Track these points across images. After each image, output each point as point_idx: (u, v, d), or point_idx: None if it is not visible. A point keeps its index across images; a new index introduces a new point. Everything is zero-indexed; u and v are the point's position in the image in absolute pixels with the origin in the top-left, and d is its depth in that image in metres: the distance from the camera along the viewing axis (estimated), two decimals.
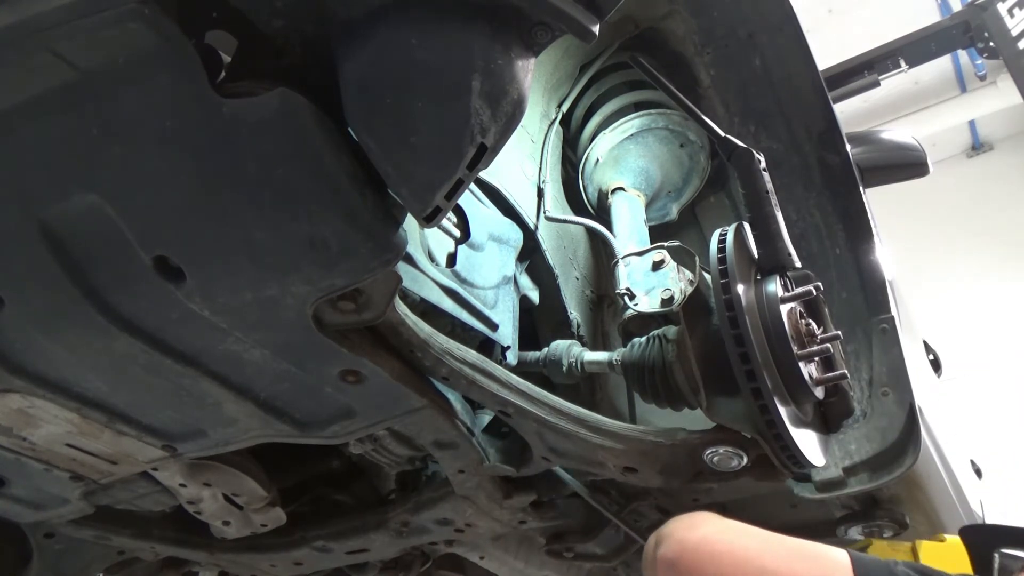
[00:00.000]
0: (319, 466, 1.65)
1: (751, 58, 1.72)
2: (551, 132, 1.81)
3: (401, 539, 1.65)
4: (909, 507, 1.80)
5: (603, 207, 1.82)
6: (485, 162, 0.78)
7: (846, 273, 1.69)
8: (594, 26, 0.72)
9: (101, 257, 0.85)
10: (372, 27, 0.73)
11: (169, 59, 0.71)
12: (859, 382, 1.61)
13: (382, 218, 0.81)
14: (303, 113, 0.74)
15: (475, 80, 0.72)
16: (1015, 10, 3.38)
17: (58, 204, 0.81)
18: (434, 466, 1.58)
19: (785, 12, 1.66)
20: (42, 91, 0.74)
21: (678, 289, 1.36)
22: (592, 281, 1.90)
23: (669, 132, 1.78)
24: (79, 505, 1.37)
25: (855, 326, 1.64)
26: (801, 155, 1.74)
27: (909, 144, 2.50)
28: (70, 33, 0.69)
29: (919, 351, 2.53)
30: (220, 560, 1.76)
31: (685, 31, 1.74)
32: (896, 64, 3.43)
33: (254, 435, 1.19)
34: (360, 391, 1.09)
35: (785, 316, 1.20)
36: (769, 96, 1.73)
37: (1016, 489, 5.38)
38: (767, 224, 1.29)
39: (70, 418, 1.10)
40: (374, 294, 0.95)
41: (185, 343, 0.97)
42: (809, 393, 1.19)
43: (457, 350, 1.13)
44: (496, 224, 1.52)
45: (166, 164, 0.77)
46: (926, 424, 1.66)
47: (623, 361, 1.44)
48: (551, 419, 1.22)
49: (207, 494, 1.42)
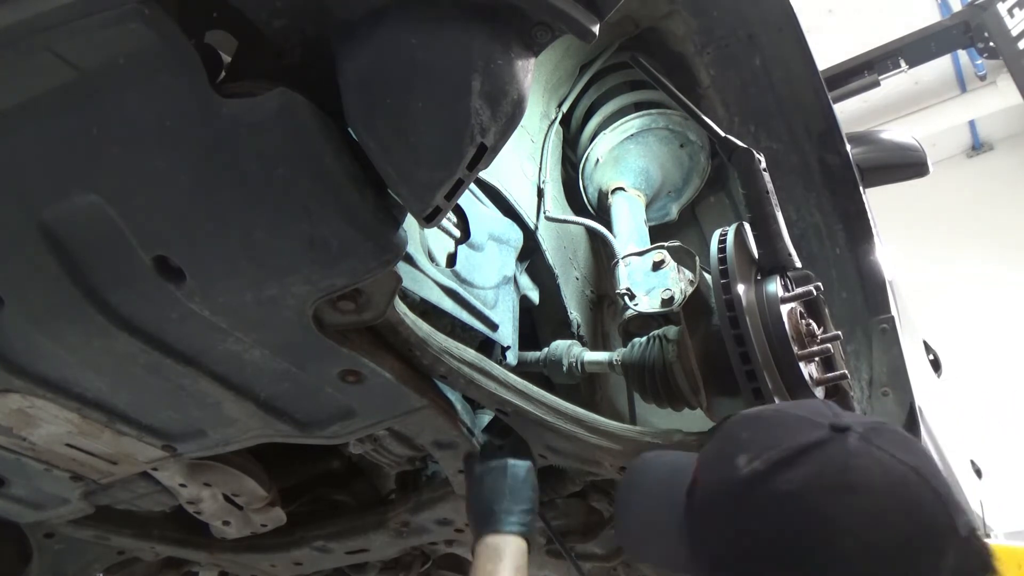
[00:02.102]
0: (319, 466, 1.65)
1: (751, 58, 1.72)
2: (551, 132, 1.81)
3: (401, 539, 1.65)
4: None
5: (603, 207, 1.82)
6: (485, 162, 0.78)
7: (846, 273, 1.69)
8: (594, 26, 0.72)
9: (101, 257, 0.85)
10: (372, 27, 0.73)
11: (169, 59, 0.71)
12: (859, 382, 1.61)
13: (382, 218, 0.81)
14: (303, 113, 0.74)
15: (475, 80, 0.72)
16: (1015, 10, 3.38)
17: (58, 204, 0.81)
18: (434, 466, 1.58)
19: (785, 12, 1.66)
20: (42, 91, 0.74)
21: (678, 289, 1.36)
22: (592, 281, 1.90)
23: (669, 132, 1.78)
24: (79, 505, 1.37)
25: (855, 326, 1.64)
26: (801, 155, 1.74)
27: (909, 144, 2.50)
28: (70, 33, 0.69)
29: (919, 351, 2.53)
30: (220, 560, 1.76)
31: (685, 31, 1.74)
32: (896, 64, 3.43)
33: (254, 435, 1.19)
34: (360, 391, 1.09)
35: (785, 316, 1.20)
36: (769, 96, 1.73)
37: (1016, 489, 5.39)
38: (767, 224, 1.29)
39: (70, 418, 1.10)
40: (374, 294, 0.95)
41: (185, 343, 0.97)
42: (809, 393, 1.19)
43: (456, 349, 1.13)
44: (496, 224, 1.51)
45: (166, 164, 0.77)
46: (926, 424, 1.66)
47: (623, 361, 1.44)
48: (549, 419, 1.22)
49: (207, 494, 1.42)
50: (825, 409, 0.81)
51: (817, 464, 0.74)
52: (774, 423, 0.83)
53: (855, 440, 0.74)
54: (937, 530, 0.70)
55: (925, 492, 0.71)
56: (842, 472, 0.72)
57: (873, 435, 0.75)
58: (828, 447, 0.74)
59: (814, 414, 0.80)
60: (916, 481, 0.71)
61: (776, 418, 0.84)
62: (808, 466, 0.74)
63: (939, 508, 0.71)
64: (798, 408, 0.86)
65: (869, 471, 0.72)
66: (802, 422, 0.79)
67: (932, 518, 0.71)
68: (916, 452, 0.76)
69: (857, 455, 0.73)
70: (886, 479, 0.72)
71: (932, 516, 0.71)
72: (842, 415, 0.79)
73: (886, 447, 0.74)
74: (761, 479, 0.75)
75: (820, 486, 0.72)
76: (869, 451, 0.73)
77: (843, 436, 0.75)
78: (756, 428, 0.84)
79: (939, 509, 0.71)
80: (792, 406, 0.88)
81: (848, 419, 0.78)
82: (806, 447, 0.75)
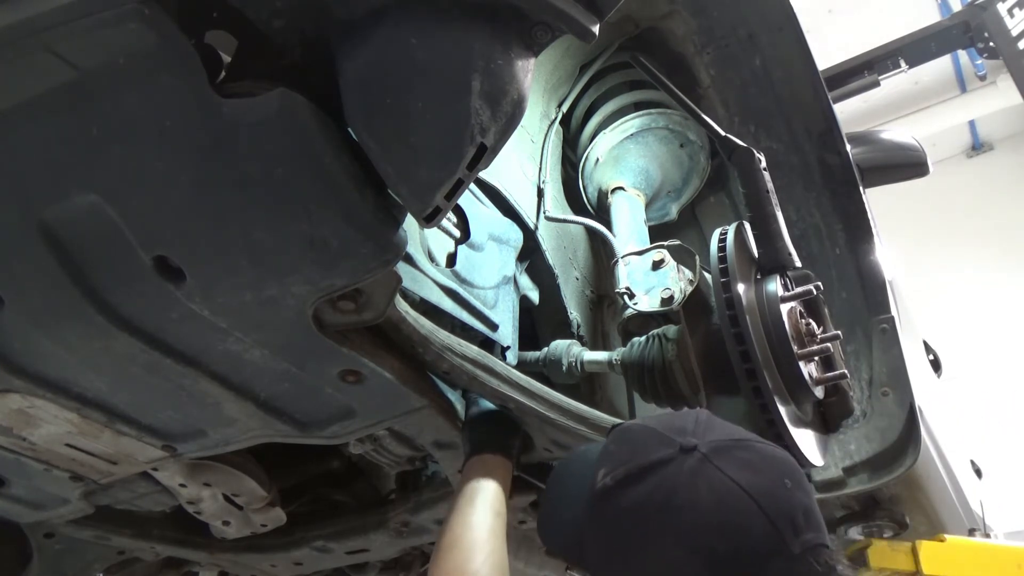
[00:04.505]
0: (319, 466, 1.65)
1: (751, 58, 1.72)
2: (551, 132, 1.81)
3: (401, 539, 1.65)
4: (909, 507, 1.80)
5: (603, 207, 1.82)
6: (485, 162, 0.78)
7: (846, 273, 1.69)
8: (594, 26, 0.72)
9: (101, 257, 0.85)
10: (372, 27, 0.73)
11: (169, 59, 0.71)
12: (859, 382, 1.61)
13: (382, 218, 0.81)
14: (303, 113, 0.74)
15: (475, 80, 0.72)
16: (1015, 10, 3.38)
17: (58, 204, 0.81)
18: (434, 466, 1.58)
19: (785, 12, 1.66)
20: (42, 91, 0.74)
21: (678, 288, 1.36)
22: (592, 281, 1.90)
23: (669, 132, 1.79)
24: (79, 505, 1.37)
25: (855, 326, 1.64)
26: (801, 155, 1.74)
27: (909, 144, 2.50)
28: (70, 33, 0.69)
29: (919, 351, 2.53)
30: (220, 560, 1.76)
31: (685, 31, 1.74)
32: (896, 64, 3.43)
33: (254, 435, 1.19)
34: (360, 391, 1.09)
35: (785, 315, 1.20)
36: (769, 96, 1.73)
37: (1016, 489, 5.39)
38: (767, 224, 1.29)
39: (70, 418, 1.10)
40: (374, 294, 0.95)
41: (185, 343, 0.97)
42: (809, 392, 1.19)
43: (458, 346, 1.13)
44: (496, 224, 1.52)
45: (166, 164, 0.77)
46: (926, 424, 1.66)
47: (623, 361, 1.44)
48: (551, 415, 1.22)
49: (207, 494, 1.42)
50: (691, 425, 0.86)
51: (653, 483, 0.81)
52: (635, 438, 0.90)
53: (694, 461, 0.80)
54: (759, 546, 0.75)
55: (750, 510, 0.76)
56: (671, 492, 0.79)
57: (716, 455, 0.81)
58: (668, 467, 0.81)
59: (674, 431, 0.85)
60: (744, 501, 0.76)
61: (640, 434, 0.90)
62: (646, 484, 0.81)
63: (765, 526, 0.75)
64: (667, 423, 0.90)
65: (696, 491, 0.78)
66: (658, 439, 0.85)
67: (753, 535, 0.75)
68: (762, 472, 0.81)
69: (691, 474, 0.80)
70: (711, 498, 0.78)
71: (753, 533, 0.75)
72: (704, 433, 0.84)
73: (725, 467, 0.79)
74: (608, 494, 0.84)
75: (652, 503, 0.80)
76: (704, 471, 0.80)
77: (685, 457, 0.81)
78: (621, 442, 0.91)
79: (764, 527, 0.75)
80: (662, 420, 0.93)
81: (705, 437, 0.83)
82: (651, 465, 0.82)
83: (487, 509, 1.10)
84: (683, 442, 0.83)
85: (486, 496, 1.12)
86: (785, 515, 0.76)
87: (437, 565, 1.02)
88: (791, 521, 0.76)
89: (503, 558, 1.04)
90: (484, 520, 1.08)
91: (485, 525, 1.07)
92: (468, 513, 1.08)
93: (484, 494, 1.12)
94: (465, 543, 1.03)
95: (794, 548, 0.75)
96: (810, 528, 0.77)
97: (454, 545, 1.03)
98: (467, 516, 1.08)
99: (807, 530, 0.77)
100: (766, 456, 0.85)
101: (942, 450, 2.00)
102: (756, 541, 0.75)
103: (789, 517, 0.76)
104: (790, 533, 0.75)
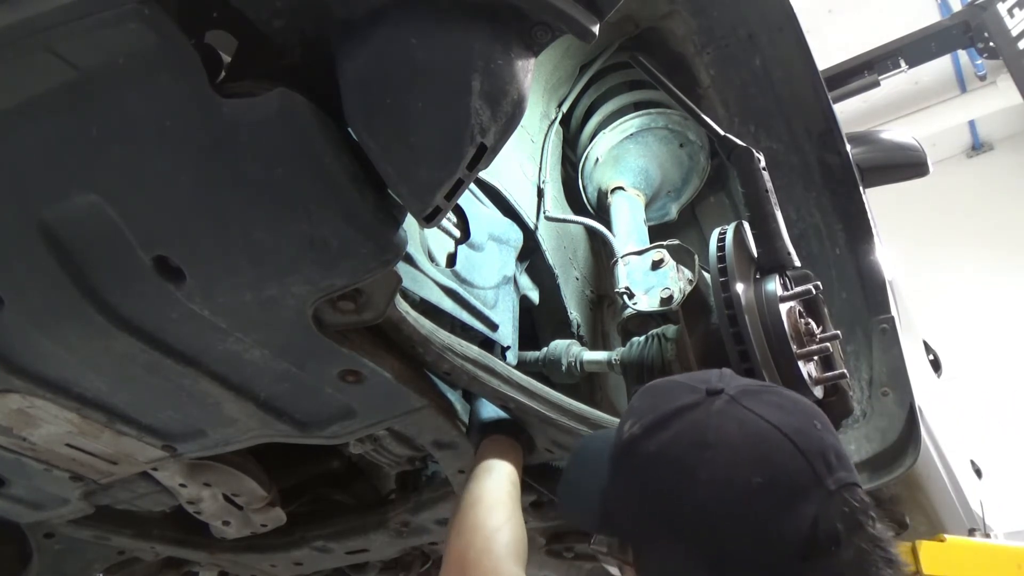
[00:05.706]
0: (319, 466, 1.65)
1: (751, 58, 1.72)
2: (551, 132, 1.81)
3: (401, 539, 1.65)
4: (909, 507, 1.80)
5: (603, 207, 1.82)
6: (485, 162, 0.78)
7: (846, 273, 1.69)
8: (594, 26, 0.72)
9: (101, 257, 0.85)
10: (372, 27, 0.73)
11: (169, 59, 0.71)
12: (859, 382, 1.61)
13: (382, 218, 0.81)
14: (303, 113, 0.74)
15: (475, 80, 0.72)
16: (1015, 10, 3.38)
17: (58, 204, 0.81)
18: (434, 466, 1.58)
19: (785, 12, 1.66)
20: (42, 91, 0.74)
21: (677, 288, 1.36)
22: (592, 281, 1.90)
23: (669, 132, 1.79)
24: (79, 505, 1.37)
25: (855, 326, 1.64)
26: (801, 155, 1.74)
27: (909, 144, 2.50)
28: (70, 33, 0.69)
29: (919, 351, 2.53)
30: (220, 560, 1.76)
31: (685, 31, 1.74)
32: (896, 64, 3.43)
33: (254, 435, 1.19)
34: (360, 391, 1.09)
35: (784, 315, 1.20)
36: (769, 96, 1.73)
37: (1016, 489, 5.39)
38: (767, 223, 1.29)
39: (70, 418, 1.10)
40: (374, 294, 0.95)
41: (185, 343, 0.97)
42: (808, 392, 1.19)
43: (458, 346, 1.13)
44: (496, 224, 1.52)
45: (166, 164, 0.77)
46: (926, 424, 1.66)
47: (622, 360, 1.44)
48: (552, 415, 1.22)
49: (207, 494, 1.42)
50: (715, 377, 0.86)
51: (682, 425, 0.80)
52: (661, 391, 0.89)
53: (722, 402, 0.80)
54: (794, 481, 0.74)
55: (783, 446, 0.75)
56: (702, 430, 0.78)
57: (744, 397, 0.80)
58: (696, 410, 0.80)
59: (700, 381, 0.85)
60: (776, 436, 0.76)
61: (665, 387, 0.90)
62: (675, 427, 0.80)
63: (798, 461, 0.74)
64: (690, 376, 0.91)
65: (727, 428, 0.78)
66: (683, 388, 0.85)
67: (788, 469, 0.74)
68: (792, 413, 0.80)
69: (720, 415, 0.79)
70: (743, 434, 0.77)
71: (788, 468, 0.74)
72: (730, 381, 0.84)
73: (754, 407, 0.79)
74: (636, 442, 0.83)
75: (682, 443, 0.79)
76: (733, 411, 0.79)
77: (712, 399, 0.81)
78: (646, 396, 0.90)
79: (798, 462, 0.74)
80: (688, 375, 0.93)
81: (730, 383, 0.83)
82: (677, 410, 0.81)
83: (504, 477, 1.11)
84: (709, 387, 0.82)
85: (502, 468, 1.13)
86: (818, 452, 0.75)
87: (457, 520, 1.02)
88: (824, 458, 0.75)
89: (521, 523, 1.04)
90: (503, 486, 1.09)
91: (504, 490, 1.08)
92: (486, 479, 1.10)
93: (500, 467, 1.13)
94: (486, 502, 1.04)
95: (829, 484, 0.74)
96: (842, 467, 0.76)
97: (475, 504, 1.04)
98: (485, 481, 1.09)
99: (839, 468, 0.76)
100: (795, 399, 0.84)
101: (942, 450, 2.00)
102: (792, 475, 0.74)
103: (821, 454, 0.75)
104: (824, 470, 0.74)
